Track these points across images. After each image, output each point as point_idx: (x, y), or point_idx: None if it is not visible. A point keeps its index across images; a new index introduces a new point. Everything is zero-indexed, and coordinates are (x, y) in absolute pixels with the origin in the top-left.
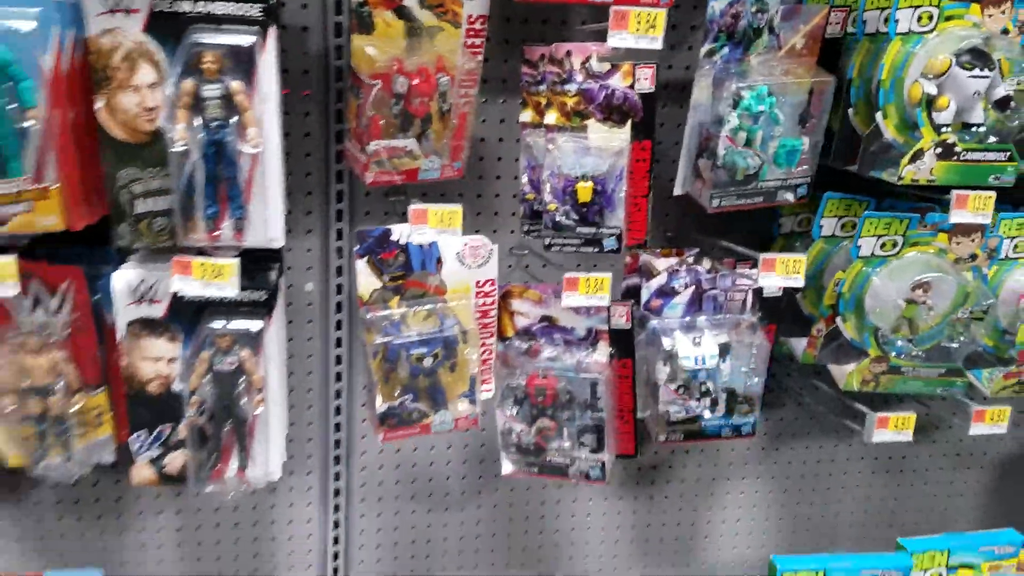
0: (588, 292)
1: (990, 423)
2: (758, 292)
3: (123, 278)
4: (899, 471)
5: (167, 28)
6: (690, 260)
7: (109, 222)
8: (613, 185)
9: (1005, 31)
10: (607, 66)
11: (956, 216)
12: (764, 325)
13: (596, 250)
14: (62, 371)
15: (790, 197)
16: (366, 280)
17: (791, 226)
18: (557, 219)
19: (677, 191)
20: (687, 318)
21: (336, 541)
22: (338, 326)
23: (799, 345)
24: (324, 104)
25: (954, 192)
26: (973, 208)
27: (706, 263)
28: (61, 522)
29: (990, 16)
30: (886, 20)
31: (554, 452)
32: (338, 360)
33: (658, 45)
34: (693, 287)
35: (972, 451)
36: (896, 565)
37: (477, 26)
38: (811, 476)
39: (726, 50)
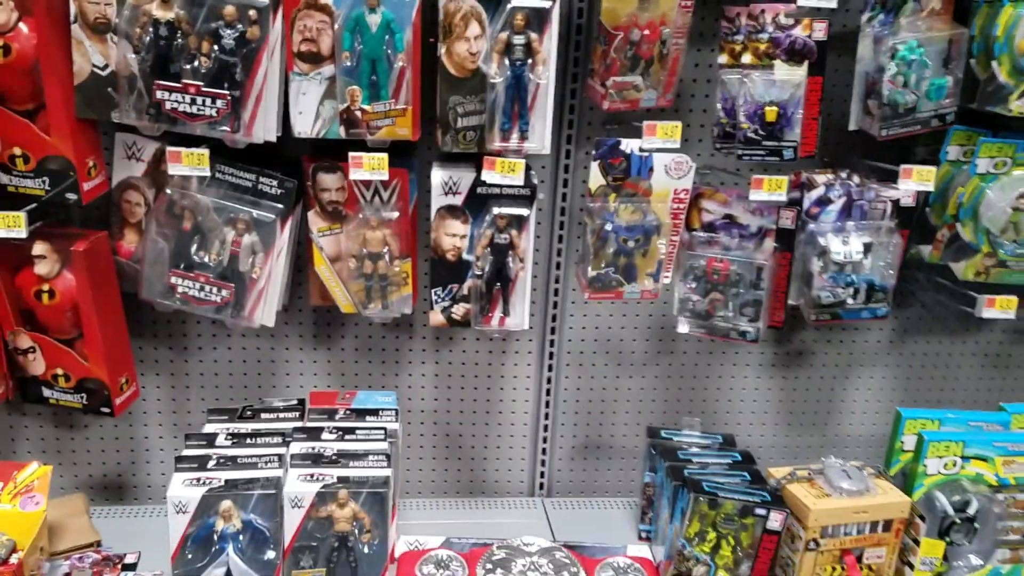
0: (770, 190)
1: None
2: (896, 203)
3: (438, 175)
4: (1005, 365)
5: None
6: (843, 176)
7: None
8: (792, 109)
9: None
10: (792, 20)
11: None
12: (899, 230)
13: (777, 159)
14: (389, 243)
15: (940, 123)
16: (595, 177)
17: (924, 154)
18: (749, 135)
19: (852, 127)
20: (838, 223)
21: (548, 392)
22: (562, 212)
23: (926, 250)
24: (564, 52)
25: None
26: None
27: (856, 179)
28: (368, 355)
29: None
30: None
31: (720, 319)
32: (560, 240)
33: (833, 4)
34: (845, 197)
35: None
36: (998, 420)
37: None
38: (931, 365)
39: (881, 16)
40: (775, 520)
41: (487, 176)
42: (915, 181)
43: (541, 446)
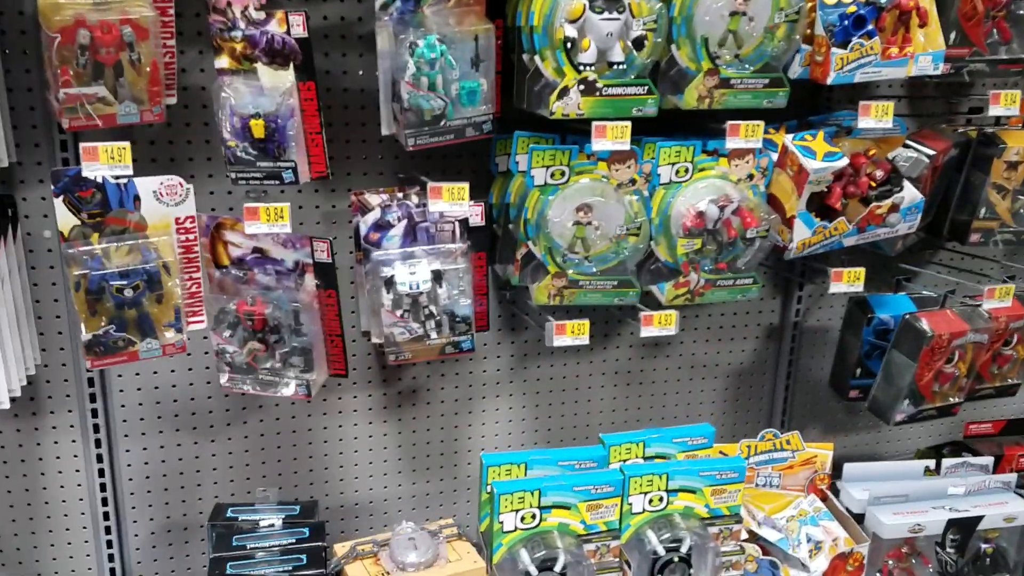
0: (269, 221)
1: (659, 326)
2: (464, 223)
3: None
4: (639, 382)
5: None
6: (399, 195)
7: None
8: (284, 122)
9: None
10: (264, 15)
11: (597, 144)
12: (474, 252)
13: (276, 182)
14: None
15: (476, 133)
16: (65, 217)
17: (505, 165)
18: (239, 155)
19: (384, 132)
20: (406, 248)
21: (101, 474)
22: None
23: (511, 270)
24: (40, 61)
25: (594, 123)
26: (612, 137)
27: (414, 198)
28: None
29: None
30: None
31: (266, 371)
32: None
33: None
34: (406, 220)
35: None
36: (592, 456)
37: None
38: (559, 389)
39: (398, 3)
40: None
41: None
42: (447, 201)
43: (106, 538)
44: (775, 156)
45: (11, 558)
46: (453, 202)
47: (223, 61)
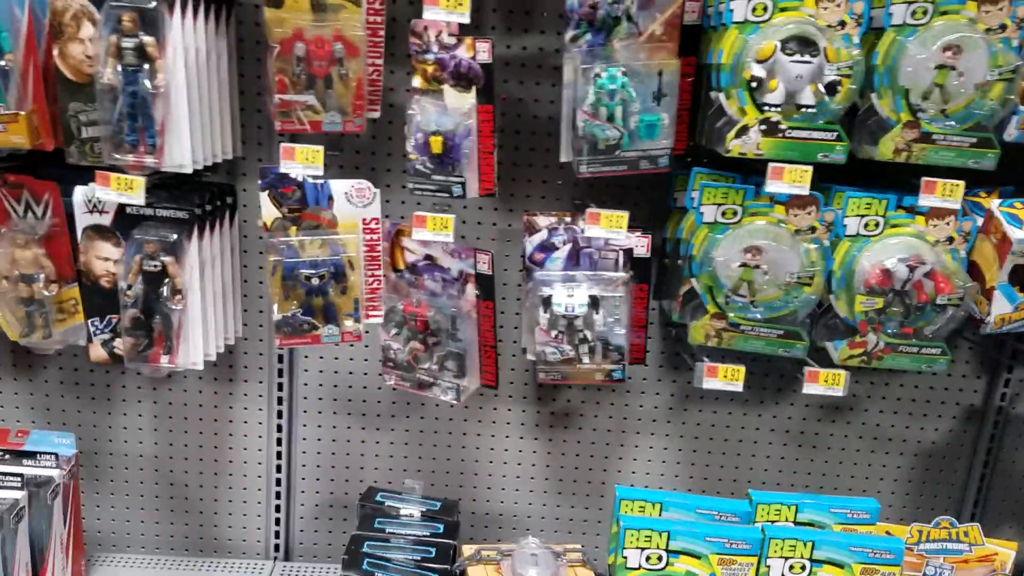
0: (435, 229)
1: (824, 385)
2: (629, 253)
3: (80, 191)
4: (812, 445)
5: None
6: (567, 220)
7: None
8: (460, 140)
9: (842, 23)
10: (454, 40)
11: (771, 186)
12: (636, 283)
13: (446, 195)
14: (42, 264)
15: (651, 166)
16: (268, 210)
17: (683, 201)
18: (418, 168)
19: (562, 159)
20: (567, 271)
21: (279, 443)
22: None
23: (673, 306)
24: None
25: (770, 164)
26: (789, 180)
27: (582, 223)
28: (75, 390)
29: (825, 9)
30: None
31: (423, 372)
32: None
33: (465, 19)
34: (571, 244)
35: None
36: (735, 509)
37: (376, 5)
38: (720, 439)
39: (588, 36)
40: None
41: (101, 193)
42: (604, 228)
43: (275, 503)
44: (981, 221)
45: (190, 507)
46: (610, 229)
47: (416, 81)
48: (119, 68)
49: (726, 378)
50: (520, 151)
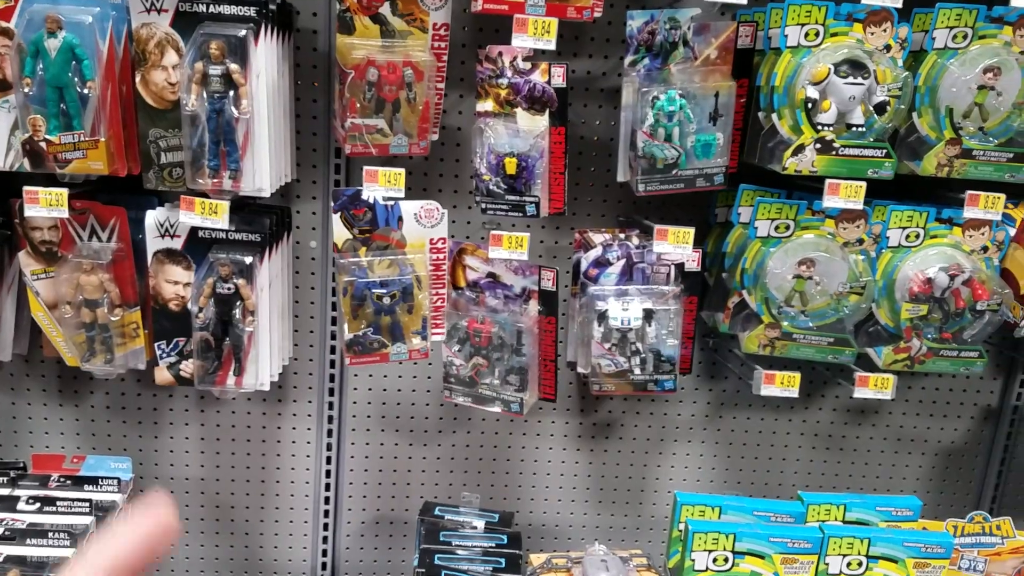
0: (511, 248)
1: (874, 388)
2: (680, 267)
3: (152, 216)
4: (839, 448)
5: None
6: (621, 236)
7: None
8: (534, 161)
9: (887, 47)
10: (529, 65)
11: (828, 201)
12: (686, 296)
13: (520, 215)
14: (107, 289)
15: (706, 184)
16: (339, 231)
17: (725, 216)
18: (491, 188)
19: (619, 178)
20: (621, 286)
21: (328, 461)
22: (334, 263)
23: (720, 318)
24: (328, 92)
25: (827, 181)
26: (845, 195)
27: (635, 239)
28: (121, 414)
29: (872, 34)
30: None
31: (486, 387)
32: (334, 307)
33: (552, 47)
34: (624, 259)
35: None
36: (790, 510)
37: (442, 32)
38: (753, 444)
39: (646, 60)
40: None
41: (184, 217)
42: (671, 244)
43: (323, 521)
44: (1012, 231)
45: (236, 528)
46: (678, 245)
47: (487, 105)
48: (204, 95)
49: (783, 385)
50: (568, 170)
